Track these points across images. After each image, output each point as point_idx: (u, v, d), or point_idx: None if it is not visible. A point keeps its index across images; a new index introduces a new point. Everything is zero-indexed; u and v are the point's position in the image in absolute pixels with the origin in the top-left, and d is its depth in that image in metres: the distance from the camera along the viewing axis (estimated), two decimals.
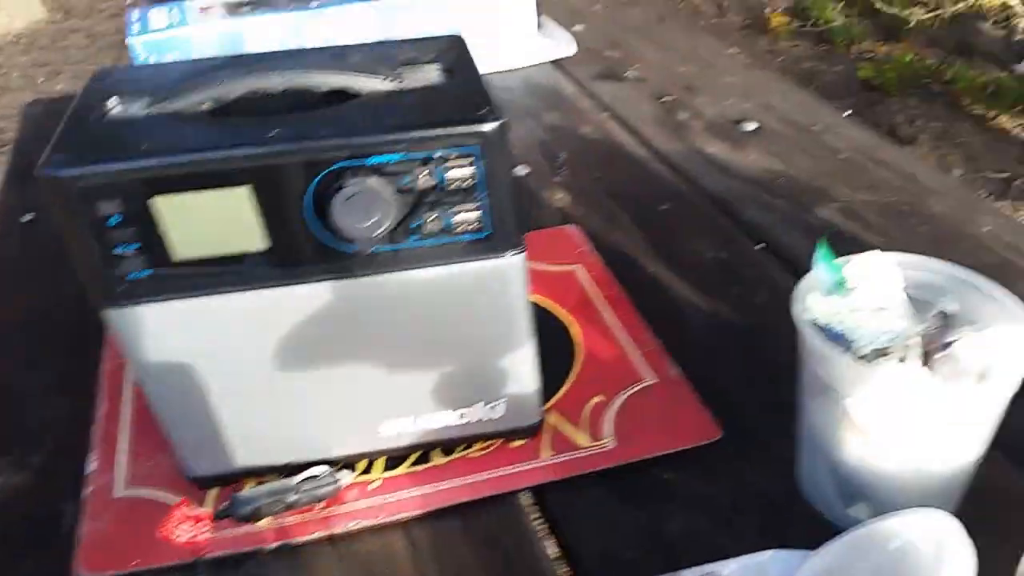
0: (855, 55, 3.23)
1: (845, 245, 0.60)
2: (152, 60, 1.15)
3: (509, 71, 1.36)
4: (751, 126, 1.17)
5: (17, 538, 0.65)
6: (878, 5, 3.18)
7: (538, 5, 1.37)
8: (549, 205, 1.02)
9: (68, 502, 0.66)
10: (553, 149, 1.14)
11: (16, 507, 0.68)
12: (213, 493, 0.65)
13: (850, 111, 2.70)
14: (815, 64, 3.22)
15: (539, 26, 1.42)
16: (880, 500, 0.58)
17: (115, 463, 0.68)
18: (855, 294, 0.57)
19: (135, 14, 1.21)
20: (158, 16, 1.20)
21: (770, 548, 0.57)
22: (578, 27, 1.50)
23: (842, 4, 3.44)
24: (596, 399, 0.71)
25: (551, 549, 0.61)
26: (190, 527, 0.62)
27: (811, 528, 0.59)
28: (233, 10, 1.21)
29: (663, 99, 1.26)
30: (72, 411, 0.75)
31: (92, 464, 0.68)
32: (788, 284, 0.58)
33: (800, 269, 0.60)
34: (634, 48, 1.44)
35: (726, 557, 0.57)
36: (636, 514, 0.63)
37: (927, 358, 0.54)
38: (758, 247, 0.92)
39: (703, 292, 0.85)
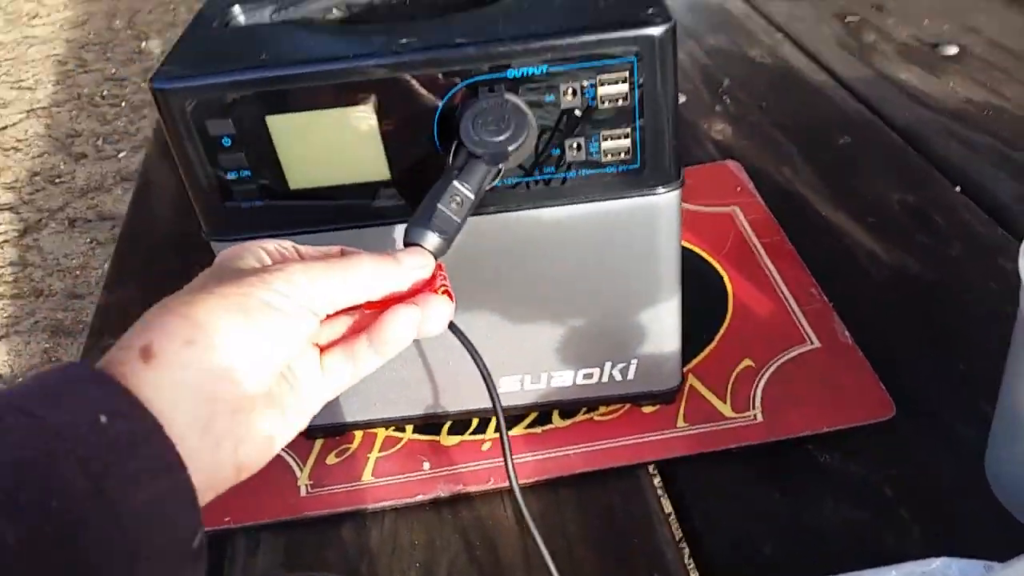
0: None
1: None
2: None
3: None
4: (951, 50, 1.01)
5: None
6: None
7: None
8: (706, 138, 0.91)
9: None
10: (715, 75, 1.02)
11: None
12: (319, 444, 0.61)
13: None
14: None
15: None
16: None
17: None
18: None
19: None
20: None
21: (942, 554, 0.46)
22: None
23: None
24: (745, 363, 0.62)
25: (678, 534, 0.53)
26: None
27: (998, 531, 0.49)
28: None
29: (847, 18, 1.11)
30: None
31: None
32: (991, 236, 0.47)
33: (1006, 218, 0.48)
34: None
35: (886, 563, 0.47)
36: (782, 501, 0.54)
37: None
38: (956, 190, 0.78)
39: (885, 242, 0.73)
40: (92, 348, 0.77)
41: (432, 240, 0.42)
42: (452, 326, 0.43)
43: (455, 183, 0.43)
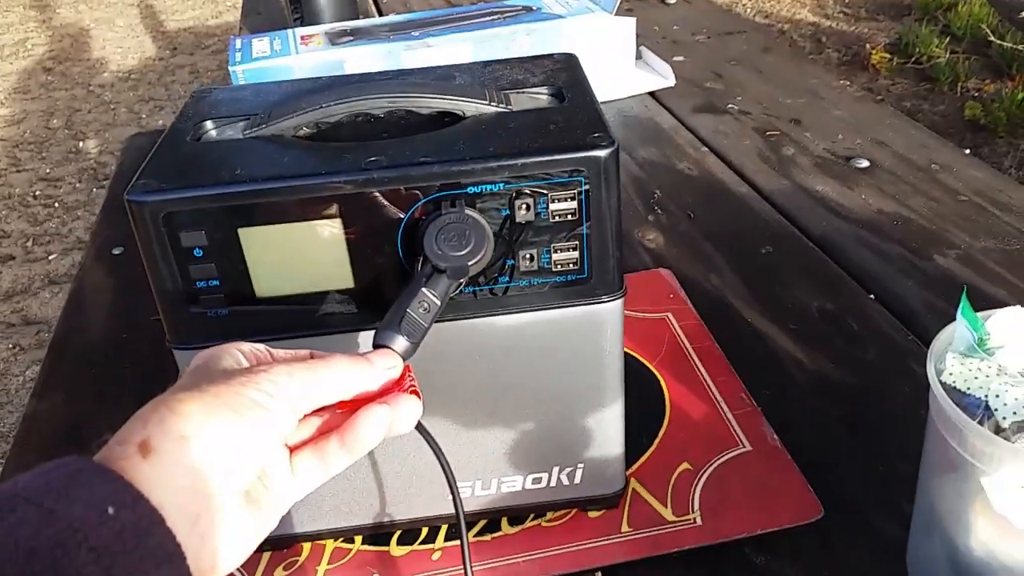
0: (960, 93, 3.05)
1: (972, 298, 0.52)
2: (203, 88, 1.15)
3: (604, 102, 1.31)
4: (862, 163, 1.09)
5: None
6: (990, 39, 2.98)
7: (637, 36, 1.32)
8: (640, 246, 0.96)
9: None
10: (647, 186, 1.09)
11: None
12: (267, 556, 0.62)
13: (968, 150, 2.54)
14: (917, 103, 3.05)
15: (638, 56, 1.37)
16: None
17: None
18: (999, 355, 0.50)
19: (238, 43, 1.21)
20: (260, 45, 1.20)
21: None
22: (678, 58, 1.44)
23: (948, 40, 3.26)
24: (683, 467, 0.65)
25: None
26: None
27: None
28: (335, 39, 1.20)
29: (767, 133, 1.19)
30: None
31: None
32: (903, 341, 0.52)
33: (916, 324, 0.53)
34: (737, 79, 1.37)
35: None
36: None
37: None
38: (870, 297, 0.84)
39: (806, 346, 0.78)
40: (16, 458, 0.76)
41: (401, 343, 0.45)
42: (419, 426, 0.45)
43: (423, 290, 0.47)
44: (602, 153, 0.49)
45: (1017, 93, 2.89)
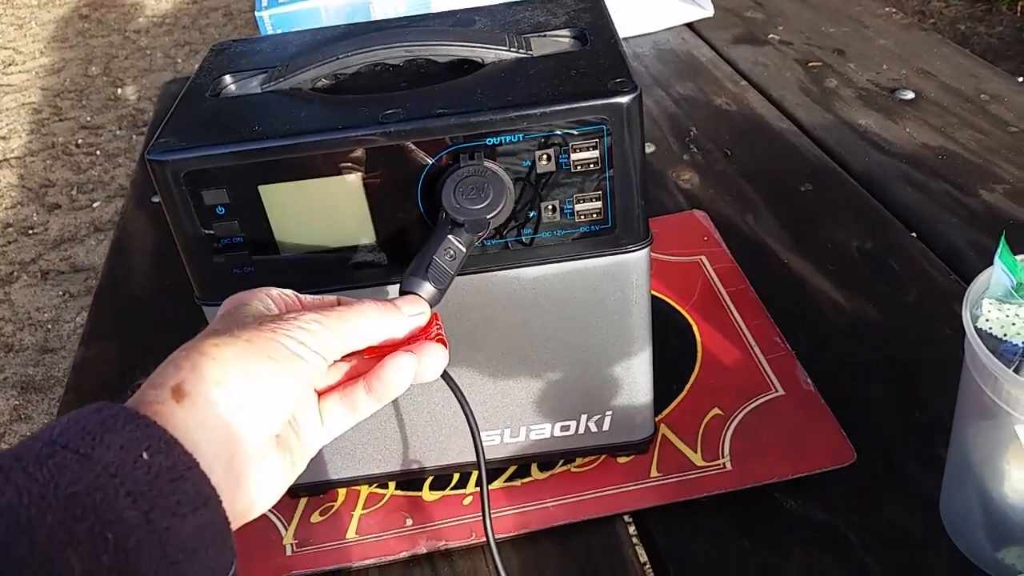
0: (1021, 12, 2.91)
1: (1015, 237, 0.50)
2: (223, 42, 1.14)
3: (640, 36, 1.28)
4: (908, 95, 1.05)
5: None
6: None
7: None
8: (674, 187, 0.94)
9: None
10: (683, 123, 1.06)
11: None
12: (303, 502, 0.63)
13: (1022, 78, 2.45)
14: (973, 25, 2.92)
15: None
16: None
17: None
18: None
19: None
20: None
21: None
22: None
23: None
24: (714, 412, 0.64)
25: None
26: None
27: (954, 572, 0.52)
28: None
29: (809, 64, 1.15)
30: None
31: None
32: (946, 281, 0.50)
33: (960, 264, 0.51)
34: (778, 8, 1.33)
35: None
36: (751, 548, 0.56)
37: None
38: (912, 235, 0.82)
39: (845, 289, 0.76)
40: (69, 404, 0.78)
41: (428, 289, 0.45)
42: (445, 374, 0.45)
43: (450, 237, 0.46)
44: (624, 100, 0.47)
45: None
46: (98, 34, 3.79)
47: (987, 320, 0.46)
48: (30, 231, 2.54)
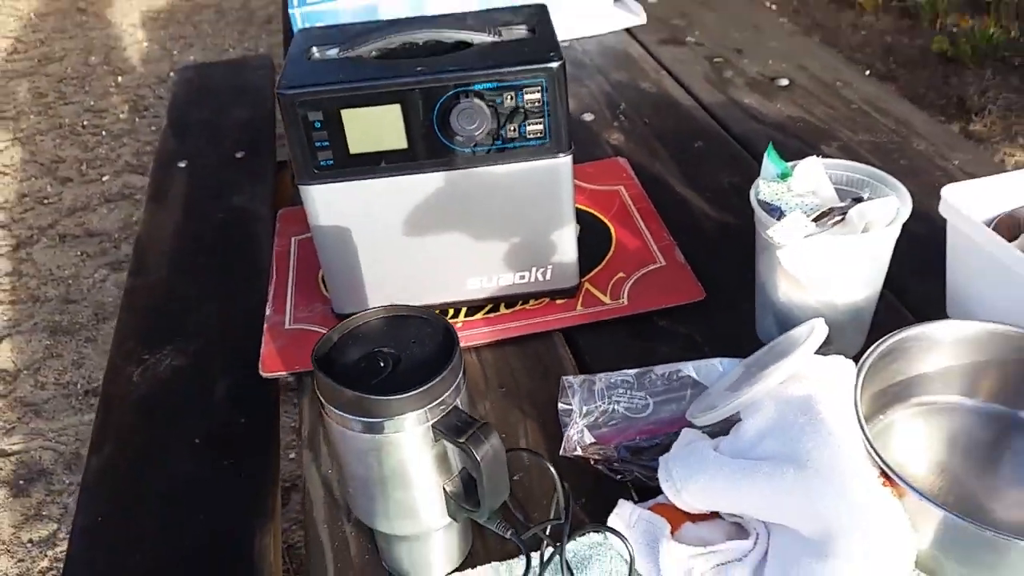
0: (940, 28, 3.32)
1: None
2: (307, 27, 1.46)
3: (588, 37, 1.62)
4: (784, 82, 1.40)
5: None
6: None
7: None
8: (606, 144, 1.28)
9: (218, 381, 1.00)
10: (615, 100, 1.40)
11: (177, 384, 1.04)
12: None
13: (868, 71, 2.80)
14: (898, 37, 3.33)
15: None
16: None
17: (285, 309, 0.99)
18: (793, 183, 0.82)
19: None
20: None
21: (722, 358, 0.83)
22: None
23: None
24: (619, 275, 0.98)
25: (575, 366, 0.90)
26: None
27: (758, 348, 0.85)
28: None
29: (714, 60, 1.50)
30: (220, 313, 1.08)
31: (269, 310, 1.00)
32: None
33: None
34: (698, 17, 1.68)
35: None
36: (637, 346, 0.90)
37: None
38: None
39: (714, 206, 1.11)
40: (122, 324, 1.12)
41: None
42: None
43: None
44: (554, 65, 0.81)
45: (988, 29, 3.16)
46: (96, 27, 4.07)
47: (763, 193, 0.81)
48: (45, 200, 2.81)
